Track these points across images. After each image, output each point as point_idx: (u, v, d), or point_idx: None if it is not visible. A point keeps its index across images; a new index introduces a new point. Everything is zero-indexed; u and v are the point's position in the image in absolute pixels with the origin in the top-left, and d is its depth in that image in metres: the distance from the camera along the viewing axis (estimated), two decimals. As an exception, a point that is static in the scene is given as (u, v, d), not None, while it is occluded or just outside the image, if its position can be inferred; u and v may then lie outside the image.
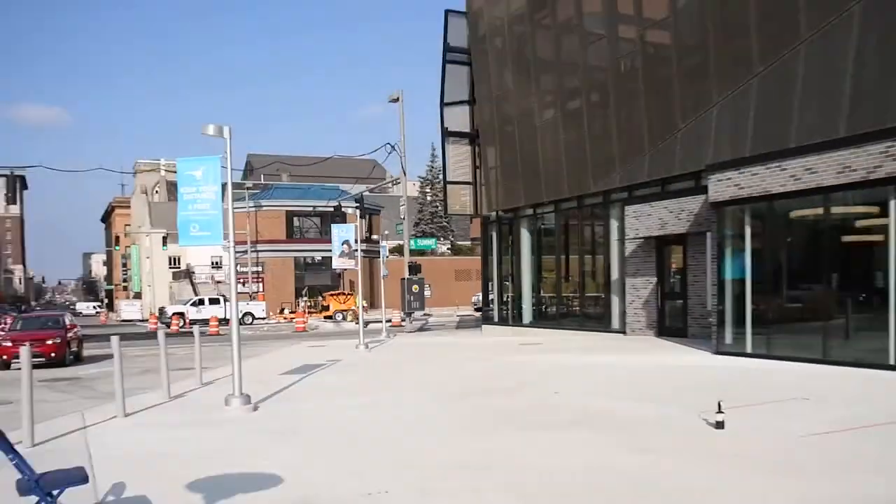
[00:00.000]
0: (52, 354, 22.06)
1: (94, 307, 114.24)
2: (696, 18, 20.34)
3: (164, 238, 77.78)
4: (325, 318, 51.86)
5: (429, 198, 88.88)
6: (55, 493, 5.23)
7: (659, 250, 21.73)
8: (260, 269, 63.52)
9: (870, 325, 14.21)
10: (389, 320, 34.69)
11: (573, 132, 24.84)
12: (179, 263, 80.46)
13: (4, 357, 21.56)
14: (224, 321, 44.26)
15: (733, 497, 6.47)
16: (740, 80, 18.95)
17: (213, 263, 75.60)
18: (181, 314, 49.41)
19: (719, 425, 8.87)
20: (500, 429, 9.75)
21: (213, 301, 51.75)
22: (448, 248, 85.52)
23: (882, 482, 6.81)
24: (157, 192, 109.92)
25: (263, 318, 52.84)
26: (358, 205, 33.10)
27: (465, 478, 7.30)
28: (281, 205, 65.54)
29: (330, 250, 27.56)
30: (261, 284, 62.96)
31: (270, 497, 6.87)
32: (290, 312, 54.10)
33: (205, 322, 42.06)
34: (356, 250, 24.73)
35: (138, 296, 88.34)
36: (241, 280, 58.80)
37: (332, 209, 42.51)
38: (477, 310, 43.40)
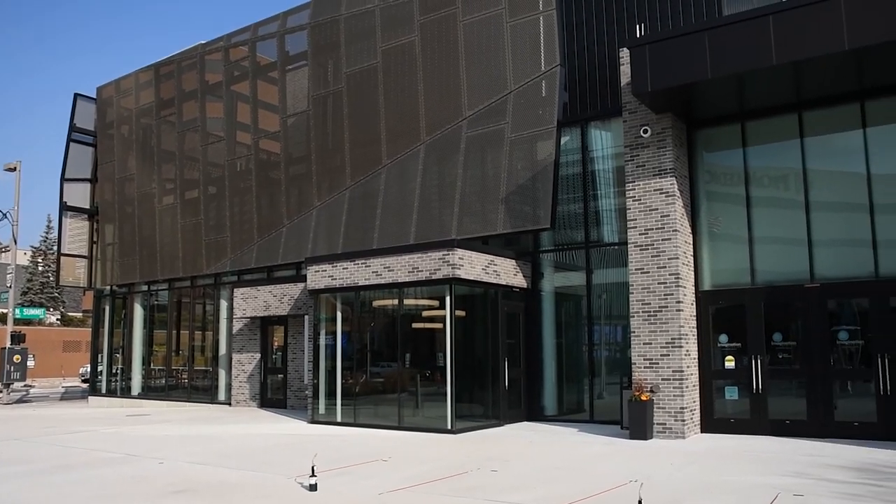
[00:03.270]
0: None
1: None
2: (302, 136, 20.61)
3: None
4: None
5: (41, 268, 77.09)
6: None
7: (263, 329, 20.97)
8: None
9: (434, 397, 14.91)
10: (-16, 392, 28.75)
11: (190, 218, 23.36)
12: None
13: None
14: None
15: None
16: (335, 190, 19.48)
17: None
18: None
19: (313, 488, 8.58)
20: (101, 503, 8.13)
21: None
22: (58, 319, 74.66)
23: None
24: None
25: None
26: (-44, 273, 27.44)
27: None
28: None
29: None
30: None
31: None
32: None
33: None
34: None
35: None
36: None
37: (-76, 275, 35.10)
38: (85, 381, 37.95)
